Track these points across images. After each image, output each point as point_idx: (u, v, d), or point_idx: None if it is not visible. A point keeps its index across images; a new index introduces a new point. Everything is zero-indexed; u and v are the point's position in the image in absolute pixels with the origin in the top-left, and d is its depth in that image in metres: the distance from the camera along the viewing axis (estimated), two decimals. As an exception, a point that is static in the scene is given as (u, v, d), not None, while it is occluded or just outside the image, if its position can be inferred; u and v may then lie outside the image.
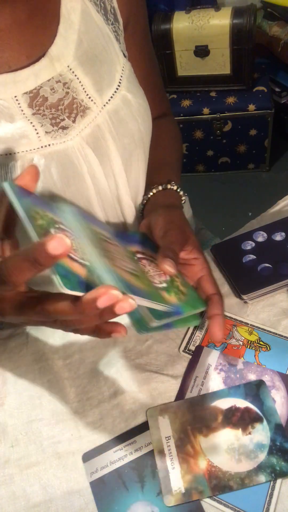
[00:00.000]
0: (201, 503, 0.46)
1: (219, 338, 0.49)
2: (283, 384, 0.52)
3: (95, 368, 0.57)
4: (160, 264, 0.46)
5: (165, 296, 0.45)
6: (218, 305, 0.50)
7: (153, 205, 0.61)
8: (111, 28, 0.57)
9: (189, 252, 0.52)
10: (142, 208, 0.64)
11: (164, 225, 0.52)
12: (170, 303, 0.45)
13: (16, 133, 0.51)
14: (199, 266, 0.52)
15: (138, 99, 0.60)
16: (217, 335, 0.49)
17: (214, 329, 0.49)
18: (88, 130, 0.56)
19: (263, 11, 1.99)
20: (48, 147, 0.54)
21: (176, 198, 0.62)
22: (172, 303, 0.45)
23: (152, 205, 0.61)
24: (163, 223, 0.52)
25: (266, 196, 1.97)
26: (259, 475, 0.46)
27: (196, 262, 0.52)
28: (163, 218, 0.53)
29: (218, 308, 0.49)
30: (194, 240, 0.52)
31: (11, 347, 0.61)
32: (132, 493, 0.47)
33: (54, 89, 0.52)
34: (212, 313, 0.49)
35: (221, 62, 1.84)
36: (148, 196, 0.62)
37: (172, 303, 0.45)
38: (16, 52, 0.50)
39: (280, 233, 0.65)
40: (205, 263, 0.52)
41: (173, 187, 0.62)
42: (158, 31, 1.80)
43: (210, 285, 0.51)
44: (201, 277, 0.52)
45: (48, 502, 0.48)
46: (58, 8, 0.52)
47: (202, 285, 0.51)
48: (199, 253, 0.52)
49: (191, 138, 2.00)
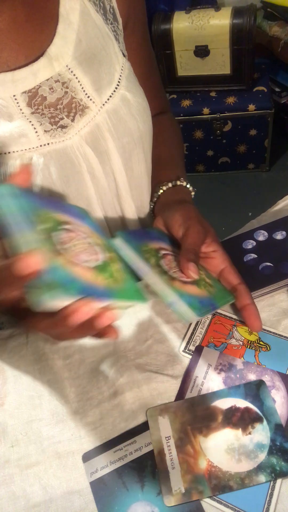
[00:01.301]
0: (201, 503, 0.45)
1: (258, 327, 0.49)
2: (283, 384, 0.52)
3: (95, 368, 0.57)
4: (183, 268, 0.47)
5: (195, 290, 0.48)
6: (246, 294, 0.51)
7: (164, 203, 0.61)
8: (110, 28, 0.57)
9: (209, 245, 0.53)
10: (153, 206, 0.64)
11: (183, 222, 0.52)
12: (200, 296, 0.47)
13: (15, 132, 0.51)
14: (220, 258, 0.53)
15: (138, 98, 0.60)
16: (256, 325, 0.49)
17: (251, 319, 0.49)
18: (87, 129, 0.56)
19: (263, 11, 1.99)
20: (47, 146, 0.54)
21: (186, 194, 0.62)
22: (204, 296, 0.47)
23: (164, 203, 0.61)
24: (182, 220, 0.52)
25: (266, 196, 1.97)
26: (259, 475, 0.46)
27: (215, 254, 0.53)
28: (179, 214, 0.53)
29: (248, 298, 0.50)
30: (212, 233, 0.53)
31: (11, 347, 0.61)
32: (132, 493, 0.47)
33: (53, 89, 0.52)
34: (244, 304, 0.50)
35: (221, 62, 1.84)
36: (158, 194, 0.62)
37: (204, 296, 0.47)
38: (15, 52, 0.50)
39: (281, 232, 0.65)
40: (224, 255, 0.53)
41: (182, 183, 0.62)
42: (158, 31, 1.80)
43: (234, 276, 0.52)
44: (223, 270, 0.52)
45: (48, 502, 0.48)
46: (57, 8, 0.52)
47: (225, 277, 0.52)
48: (218, 246, 0.53)
49: (191, 138, 2.00)
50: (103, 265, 0.40)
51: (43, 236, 0.36)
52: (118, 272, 0.42)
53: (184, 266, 0.47)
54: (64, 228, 0.39)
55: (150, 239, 0.53)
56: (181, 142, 0.76)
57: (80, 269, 0.36)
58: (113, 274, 0.40)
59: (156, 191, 0.63)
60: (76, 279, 0.35)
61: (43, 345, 0.60)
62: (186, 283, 0.48)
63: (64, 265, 0.35)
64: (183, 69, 1.90)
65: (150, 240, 0.53)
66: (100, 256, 0.41)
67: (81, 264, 0.37)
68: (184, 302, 0.46)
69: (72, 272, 0.35)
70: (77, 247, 0.39)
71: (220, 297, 0.50)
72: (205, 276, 0.52)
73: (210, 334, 0.57)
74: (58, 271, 0.33)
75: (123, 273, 0.42)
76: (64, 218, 0.41)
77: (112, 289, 0.38)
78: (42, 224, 0.37)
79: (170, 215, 0.54)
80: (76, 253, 0.38)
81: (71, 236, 0.39)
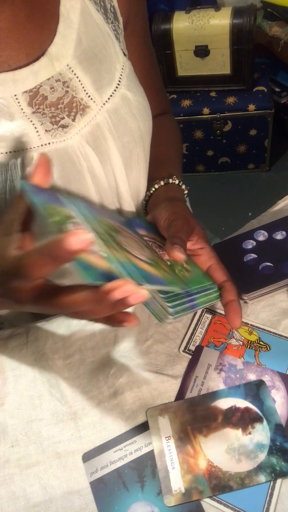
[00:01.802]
0: (201, 503, 0.45)
1: (238, 324, 0.49)
2: (283, 384, 0.52)
3: (95, 368, 0.57)
4: (170, 252, 0.47)
5: (148, 268, 0.46)
6: (232, 291, 0.50)
7: (156, 200, 0.61)
8: (111, 27, 0.57)
9: (195, 242, 0.52)
10: (145, 204, 0.64)
11: (168, 216, 0.52)
12: (181, 282, 0.46)
13: (16, 131, 0.51)
14: (206, 255, 0.52)
15: (138, 97, 0.59)
16: (235, 322, 0.49)
17: (231, 316, 0.49)
18: (88, 129, 0.56)
19: (263, 11, 1.99)
20: (48, 146, 0.54)
21: (178, 191, 0.62)
22: (156, 275, 0.46)
23: (155, 200, 0.62)
24: (167, 214, 0.52)
25: (266, 196, 1.97)
26: (259, 475, 0.46)
27: (202, 252, 0.53)
28: (166, 210, 0.53)
29: (232, 294, 0.50)
30: (199, 230, 0.53)
31: (11, 347, 0.61)
32: (132, 493, 0.47)
33: (54, 88, 0.52)
34: (227, 300, 0.50)
35: (221, 62, 1.84)
36: (151, 192, 0.62)
37: (156, 275, 0.46)
38: (16, 51, 0.50)
39: (281, 232, 0.65)
40: (211, 252, 0.53)
41: (174, 181, 0.62)
42: (158, 31, 1.80)
43: (220, 273, 0.52)
44: (210, 266, 0.52)
45: (48, 502, 0.48)
46: (57, 7, 0.52)
47: (212, 274, 0.52)
48: (205, 243, 0.53)
49: (191, 138, 2.00)
50: (109, 257, 0.40)
51: (56, 227, 0.36)
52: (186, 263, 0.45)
53: (169, 249, 0.47)
54: (73, 221, 0.40)
55: (132, 226, 0.53)
56: (180, 142, 0.76)
57: (95, 257, 0.37)
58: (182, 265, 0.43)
59: (149, 189, 0.63)
60: (93, 266, 0.35)
61: (43, 345, 0.60)
62: (140, 260, 0.45)
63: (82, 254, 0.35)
64: (183, 69, 1.90)
65: (132, 227, 0.53)
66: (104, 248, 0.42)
67: (95, 253, 0.37)
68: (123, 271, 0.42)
69: (89, 260, 0.35)
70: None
71: (195, 281, 0.49)
72: (184, 261, 0.51)
73: (210, 334, 0.57)
74: (77, 260, 0.34)
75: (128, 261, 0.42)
76: (72, 214, 0.41)
77: (124, 276, 0.39)
78: (53, 217, 0.37)
79: (158, 212, 0.54)
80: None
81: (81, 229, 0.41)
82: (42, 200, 0.39)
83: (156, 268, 0.45)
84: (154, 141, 0.67)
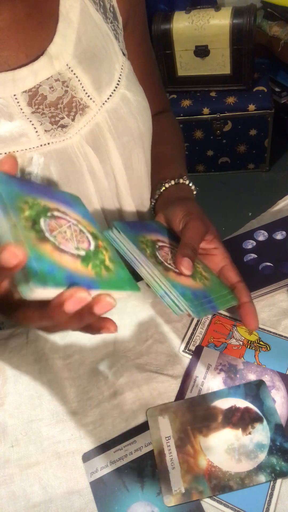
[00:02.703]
0: (201, 503, 0.45)
1: (254, 326, 0.49)
2: (283, 384, 0.52)
3: (95, 368, 0.57)
4: (177, 264, 0.47)
5: (189, 282, 0.47)
6: (245, 292, 0.50)
7: (166, 199, 0.61)
8: (110, 27, 0.57)
9: (210, 241, 0.52)
10: (154, 203, 0.64)
11: (183, 216, 0.52)
12: (194, 288, 0.47)
13: (15, 131, 0.51)
14: (220, 256, 0.53)
15: (138, 97, 0.59)
16: (252, 324, 0.49)
17: (247, 318, 0.49)
18: (88, 129, 0.56)
19: (263, 11, 1.99)
20: (48, 146, 0.54)
21: (188, 192, 0.62)
22: (198, 288, 0.47)
23: (166, 199, 0.61)
24: (182, 214, 0.52)
25: (266, 196, 1.97)
26: (259, 475, 0.46)
27: (216, 252, 0.53)
28: (180, 209, 0.53)
29: (246, 296, 0.50)
30: (213, 230, 0.53)
31: (11, 347, 0.61)
32: (132, 493, 0.47)
33: (53, 88, 0.52)
34: (242, 302, 0.50)
35: (221, 62, 1.84)
36: (161, 191, 0.62)
37: (198, 288, 0.47)
38: (15, 51, 0.50)
39: (281, 232, 0.65)
40: (225, 253, 0.53)
41: (185, 182, 0.62)
42: (158, 31, 1.80)
43: (233, 273, 0.52)
44: (223, 267, 0.52)
45: (48, 502, 0.48)
46: (57, 7, 0.52)
47: (225, 275, 0.52)
48: (219, 243, 0.53)
49: (191, 138, 2.00)
50: (93, 253, 0.39)
51: (29, 223, 0.35)
52: (110, 261, 0.40)
53: (178, 261, 0.47)
54: (53, 215, 0.38)
55: (147, 231, 0.53)
56: (182, 141, 0.76)
57: (67, 257, 0.35)
58: (104, 262, 0.39)
59: (158, 188, 0.63)
60: (62, 268, 0.34)
61: (43, 345, 0.60)
62: (181, 275, 0.48)
63: (50, 253, 0.34)
64: (183, 69, 1.90)
65: (148, 232, 0.53)
66: (91, 244, 0.40)
67: (69, 252, 0.36)
68: (176, 292, 0.45)
69: (57, 261, 0.34)
70: (66, 234, 0.38)
71: (215, 290, 0.49)
72: (202, 269, 0.51)
73: (210, 334, 0.57)
74: (43, 260, 0.32)
75: (115, 262, 0.41)
76: (53, 205, 0.40)
77: (102, 278, 0.37)
78: (28, 210, 0.36)
79: (171, 211, 0.54)
80: (65, 240, 0.37)
81: (60, 223, 0.38)
82: (20, 192, 0.36)
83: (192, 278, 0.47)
84: (157, 140, 0.67)
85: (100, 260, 0.39)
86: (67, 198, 0.44)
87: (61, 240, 0.36)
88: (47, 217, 0.37)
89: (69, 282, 0.33)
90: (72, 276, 0.34)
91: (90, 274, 0.36)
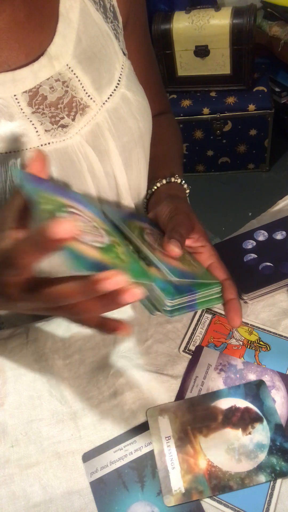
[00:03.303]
0: (201, 503, 0.45)
1: (238, 323, 0.48)
2: (283, 384, 0.52)
3: (95, 368, 0.57)
4: (165, 246, 0.46)
5: (177, 263, 0.46)
6: (232, 289, 0.50)
7: (157, 198, 0.61)
8: (111, 27, 0.57)
9: (196, 240, 0.52)
10: (146, 202, 0.64)
11: (169, 212, 0.52)
12: (181, 268, 0.46)
13: (15, 131, 0.51)
14: (207, 253, 0.52)
15: (138, 97, 0.59)
16: (235, 321, 0.48)
17: (231, 314, 0.49)
18: (88, 128, 0.56)
19: (263, 11, 1.99)
20: (48, 145, 0.54)
21: (180, 190, 0.62)
22: (185, 270, 0.46)
23: (156, 198, 0.61)
24: (168, 210, 0.52)
25: (266, 196, 1.97)
26: (259, 475, 0.46)
27: (203, 250, 0.52)
28: (167, 206, 0.53)
29: (232, 293, 0.50)
30: (200, 228, 0.53)
31: (11, 347, 0.61)
32: (132, 493, 0.47)
33: (53, 88, 0.52)
34: (227, 298, 0.49)
35: (221, 62, 1.84)
36: (152, 190, 0.62)
37: (185, 270, 0.46)
38: (15, 51, 0.50)
39: (281, 232, 0.65)
40: (212, 250, 0.52)
41: (177, 180, 0.62)
42: (158, 31, 1.80)
43: (221, 271, 0.51)
44: (210, 265, 0.52)
45: (48, 502, 0.48)
46: (56, 7, 0.52)
47: (212, 272, 0.52)
48: (205, 241, 0.53)
49: (191, 138, 2.00)
50: (108, 247, 0.40)
51: (46, 215, 0.36)
52: (123, 255, 0.42)
53: (165, 242, 0.46)
54: (68, 210, 0.39)
55: (137, 219, 0.53)
56: (180, 141, 0.76)
57: (87, 247, 0.36)
58: (118, 256, 0.40)
59: (150, 187, 0.63)
60: (85, 256, 0.35)
61: (43, 345, 0.60)
62: (168, 256, 0.47)
63: (75, 244, 0.35)
64: (183, 69, 1.90)
65: (137, 220, 0.53)
66: (105, 239, 0.41)
67: (89, 243, 0.37)
68: (165, 269, 0.44)
69: (83, 250, 0.35)
70: (84, 228, 0.39)
71: (202, 276, 0.49)
72: (191, 259, 0.51)
73: (210, 334, 0.57)
74: (71, 248, 0.33)
75: (128, 256, 0.42)
76: (69, 203, 0.41)
77: (120, 267, 0.38)
78: (45, 205, 0.37)
79: (159, 208, 0.54)
80: (83, 234, 0.38)
81: (76, 218, 0.40)
82: (38, 189, 0.38)
83: (182, 263, 0.46)
84: (154, 140, 0.67)
85: (115, 253, 0.40)
86: (80, 198, 0.45)
87: (79, 232, 0.37)
88: (63, 211, 0.38)
89: (91, 269, 0.34)
90: (94, 264, 0.34)
91: (109, 263, 0.37)
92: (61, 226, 0.29)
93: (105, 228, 0.44)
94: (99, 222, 0.44)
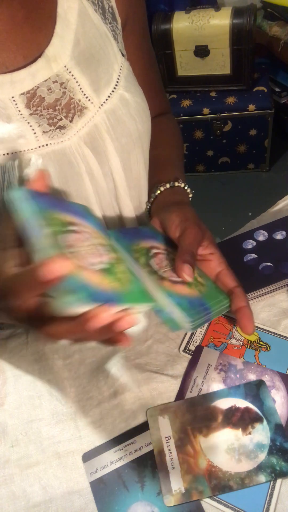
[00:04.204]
0: (201, 503, 0.45)
1: (251, 330, 0.49)
2: (283, 384, 0.52)
3: (95, 368, 0.57)
4: (178, 271, 0.47)
5: (185, 290, 0.47)
6: (242, 297, 0.50)
7: (161, 203, 0.61)
8: (109, 27, 0.57)
9: (206, 247, 0.52)
10: (149, 206, 0.64)
11: (180, 223, 0.52)
12: (190, 296, 0.47)
13: (13, 133, 0.51)
14: (216, 261, 0.53)
15: (137, 98, 0.59)
16: (248, 328, 0.49)
17: (244, 322, 0.49)
18: (86, 130, 0.56)
19: (263, 11, 1.99)
20: (46, 147, 0.54)
21: (184, 195, 0.62)
22: (194, 295, 0.47)
23: (161, 203, 0.61)
24: (178, 220, 0.52)
25: (266, 196, 1.97)
26: (259, 475, 0.46)
27: (212, 257, 0.53)
28: (176, 215, 0.53)
29: (243, 300, 0.50)
30: (209, 235, 0.53)
31: (11, 347, 0.61)
32: (132, 493, 0.47)
33: (51, 89, 0.52)
34: (239, 306, 0.50)
35: (221, 62, 1.84)
36: (156, 194, 0.62)
37: (194, 295, 0.47)
38: (13, 53, 0.50)
39: (281, 232, 0.65)
40: (221, 258, 0.53)
41: (180, 185, 0.62)
42: (158, 31, 1.80)
43: (230, 278, 0.52)
44: (220, 272, 0.52)
45: (48, 502, 0.48)
46: (54, 8, 0.52)
47: (222, 280, 0.52)
48: (214, 248, 0.53)
49: (191, 138, 2.00)
50: (109, 267, 0.40)
51: (52, 240, 0.36)
52: (124, 274, 0.42)
53: (178, 267, 0.47)
54: (69, 229, 0.39)
55: (141, 237, 0.53)
56: (181, 143, 0.76)
57: (89, 273, 0.37)
58: (118, 276, 0.41)
59: (154, 191, 0.62)
60: (86, 285, 0.35)
61: (43, 345, 0.60)
62: (176, 283, 0.48)
63: (75, 271, 0.35)
64: (183, 69, 1.90)
65: (142, 239, 0.53)
66: (105, 258, 0.42)
67: (89, 268, 0.37)
68: (173, 303, 0.45)
69: (83, 278, 0.35)
70: (84, 249, 0.39)
71: (211, 296, 0.49)
72: (197, 275, 0.51)
73: (210, 334, 0.57)
74: (70, 278, 0.34)
75: (128, 274, 0.43)
76: (69, 219, 0.41)
77: (119, 293, 0.38)
78: (49, 227, 0.37)
79: (166, 216, 0.54)
80: (83, 256, 0.38)
81: (78, 238, 0.40)
82: (39, 209, 0.38)
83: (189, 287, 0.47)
84: (155, 142, 0.67)
85: (115, 274, 0.41)
86: (79, 209, 0.45)
87: (80, 256, 0.38)
88: (65, 232, 0.39)
89: (92, 300, 0.34)
90: (94, 293, 0.35)
91: (110, 288, 0.37)
92: (48, 267, 0.30)
93: (105, 244, 0.44)
94: (99, 237, 0.44)
